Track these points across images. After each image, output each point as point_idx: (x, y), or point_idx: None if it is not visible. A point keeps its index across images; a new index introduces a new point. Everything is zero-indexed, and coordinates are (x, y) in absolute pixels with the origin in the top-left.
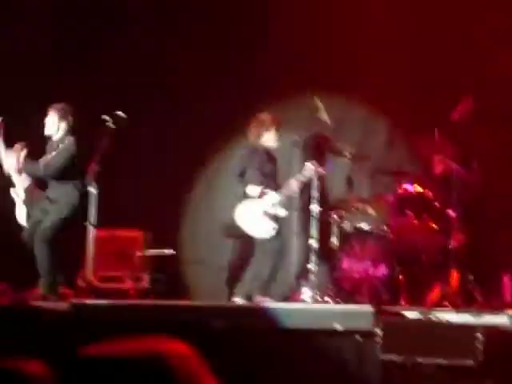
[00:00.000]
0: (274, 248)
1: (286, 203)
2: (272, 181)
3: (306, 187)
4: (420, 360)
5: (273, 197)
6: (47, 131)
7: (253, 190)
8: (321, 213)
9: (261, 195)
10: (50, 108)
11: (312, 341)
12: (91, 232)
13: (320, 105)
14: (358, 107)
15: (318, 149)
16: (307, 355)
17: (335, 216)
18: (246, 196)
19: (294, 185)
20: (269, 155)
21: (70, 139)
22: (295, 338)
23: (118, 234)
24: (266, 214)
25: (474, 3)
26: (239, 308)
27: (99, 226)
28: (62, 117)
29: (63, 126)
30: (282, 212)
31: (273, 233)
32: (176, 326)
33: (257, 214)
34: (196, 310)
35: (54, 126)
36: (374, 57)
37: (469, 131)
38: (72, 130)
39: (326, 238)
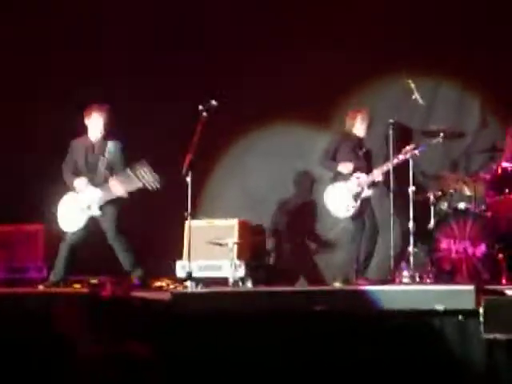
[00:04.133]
0: (362, 228)
1: (375, 185)
2: (363, 166)
3: (401, 169)
4: None
5: (360, 177)
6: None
7: (344, 167)
8: (417, 194)
9: (352, 172)
10: (93, 109)
11: (413, 322)
12: (188, 222)
13: (413, 85)
14: (450, 87)
15: (410, 130)
16: (409, 337)
17: (432, 197)
18: (336, 178)
19: (379, 172)
20: (361, 143)
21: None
22: (396, 319)
23: (215, 224)
24: (350, 193)
25: None
26: (339, 292)
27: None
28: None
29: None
30: (367, 192)
31: (352, 211)
32: (275, 312)
33: (341, 193)
34: (295, 295)
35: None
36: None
37: None
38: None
39: (424, 220)
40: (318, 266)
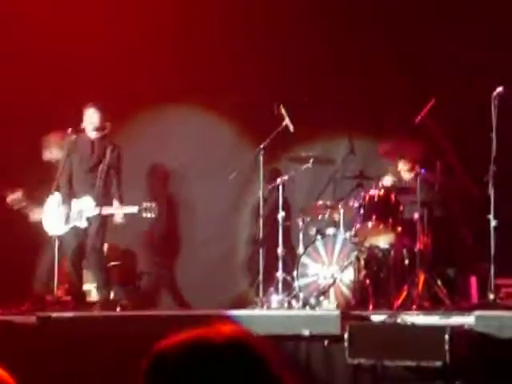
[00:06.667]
0: None
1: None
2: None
3: (271, 194)
4: (388, 363)
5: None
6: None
7: None
8: (286, 219)
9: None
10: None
11: (280, 347)
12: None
13: (284, 112)
14: (320, 114)
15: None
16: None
17: (301, 222)
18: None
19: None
20: None
21: None
22: None
23: None
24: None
25: None
26: (204, 315)
27: None
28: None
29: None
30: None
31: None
32: (142, 336)
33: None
34: (163, 320)
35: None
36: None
37: (432, 133)
38: None
39: (293, 245)
40: (189, 289)
